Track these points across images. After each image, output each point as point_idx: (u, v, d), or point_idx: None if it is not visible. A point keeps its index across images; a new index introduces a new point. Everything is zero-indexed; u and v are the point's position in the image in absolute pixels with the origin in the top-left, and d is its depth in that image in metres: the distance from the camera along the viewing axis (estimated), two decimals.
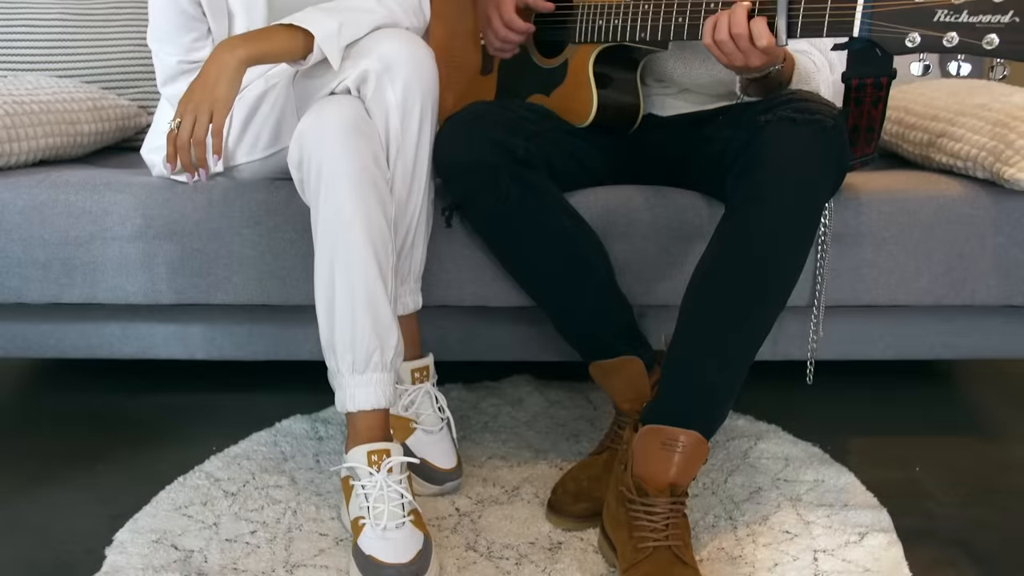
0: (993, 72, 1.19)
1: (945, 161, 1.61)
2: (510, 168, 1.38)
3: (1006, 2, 1.14)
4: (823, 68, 1.49)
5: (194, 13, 1.48)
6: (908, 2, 1.20)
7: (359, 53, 1.37)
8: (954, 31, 1.16)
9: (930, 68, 1.22)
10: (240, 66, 1.35)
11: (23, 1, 1.94)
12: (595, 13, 1.49)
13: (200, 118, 1.33)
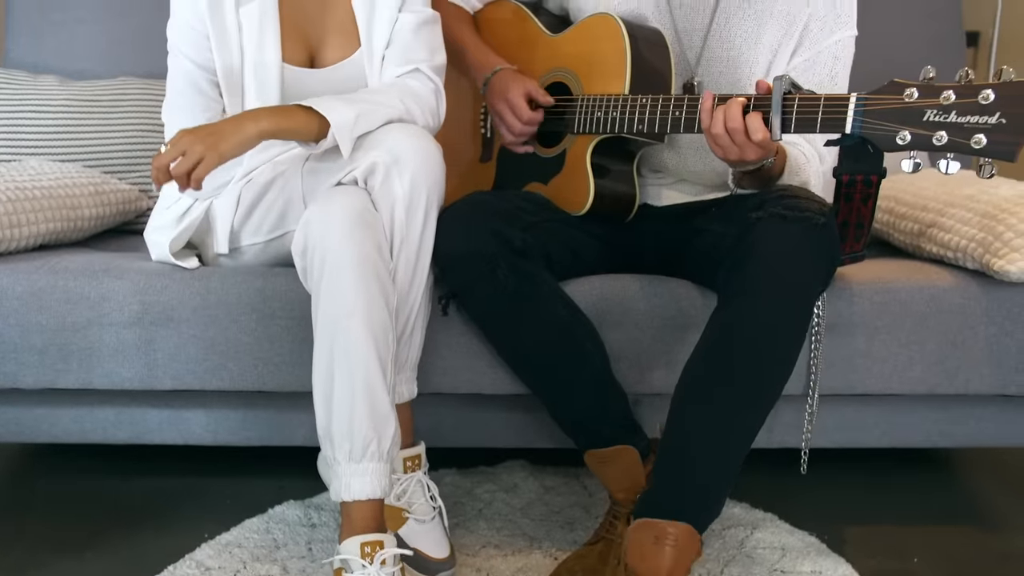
0: (982, 171, 1.21)
1: (935, 251, 1.63)
2: (507, 258, 1.40)
3: (993, 104, 1.17)
4: (812, 160, 1.52)
5: (211, 93, 1.51)
6: (899, 101, 1.23)
7: (369, 144, 1.40)
8: (943, 130, 1.19)
9: (920, 165, 1.25)
10: (258, 137, 1.37)
11: (32, 88, 1.98)
12: (594, 105, 1.52)
13: (188, 157, 1.33)
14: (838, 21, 1.52)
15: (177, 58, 1.52)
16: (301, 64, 1.54)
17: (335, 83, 1.53)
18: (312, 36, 1.55)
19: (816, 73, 1.51)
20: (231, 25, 1.49)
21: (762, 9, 1.54)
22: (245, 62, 1.50)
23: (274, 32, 1.50)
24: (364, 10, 1.54)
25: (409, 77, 1.53)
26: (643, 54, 1.51)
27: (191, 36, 1.49)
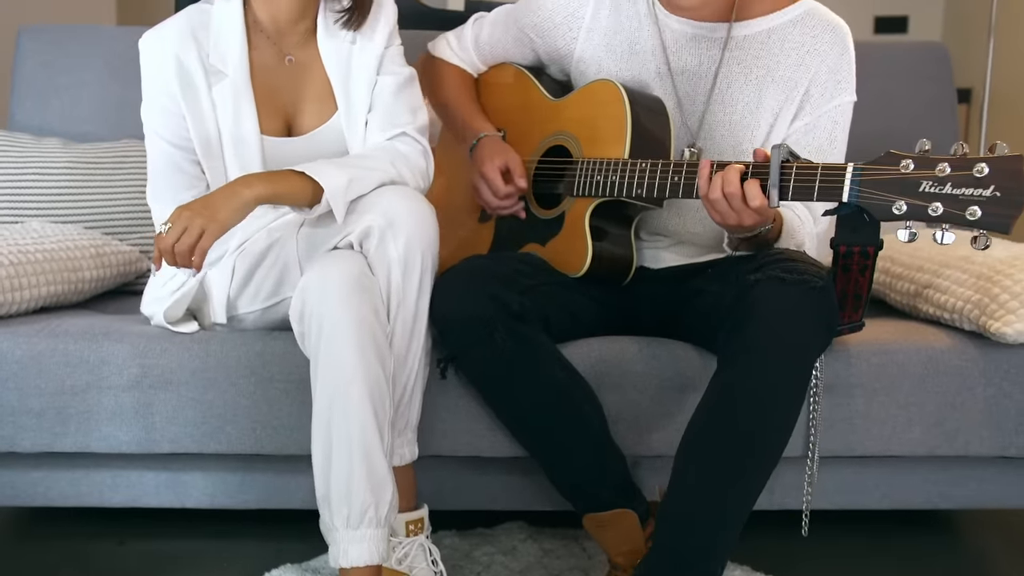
0: (976, 242, 1.22)
1: (932, 312, 1.64)
2: (505, 322, 1.40)
3: (987, 177, 1.18)
4: (807, 221, 1.54)
5: (192, 171, 1.53)
6: (895, 172, 1.24)
7: (363, 208, 1.41)
8: (939, 201, 1.21)
9: (916, 236, 1.26)
10: (255, 202, 1.39)
11: (35, 150, 2.00)
12: (593, 169, 1.54)
13: (190, 231, 1.34)
14: (838, 87, 1.55)
15: (155, 141, 1.53)
16: (279, 134, 1.55)
17: (314, 149, 1.55)
18: (288, 105, 1.57)
19: (816, 137, 1.54)
20: (205, 103, 1.51)
21: (763, 75, 1.56)
22: (223, 137, 1.52)
23: (249, 106, 1.52)
24: (339, 75, 1.56)
25: (396, 141, 1.54)
26: (643, 121, 1.53)
27: (166, 118, 1.51)
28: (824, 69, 1.55)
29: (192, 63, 1.50)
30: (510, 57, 1.75)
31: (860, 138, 1.79)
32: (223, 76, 1.51)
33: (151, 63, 1.51)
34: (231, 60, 1.52)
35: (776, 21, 1.57)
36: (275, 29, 1.55)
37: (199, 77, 1.50)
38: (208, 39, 1.52)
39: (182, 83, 1.50)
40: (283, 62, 1.56)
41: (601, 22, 1.63)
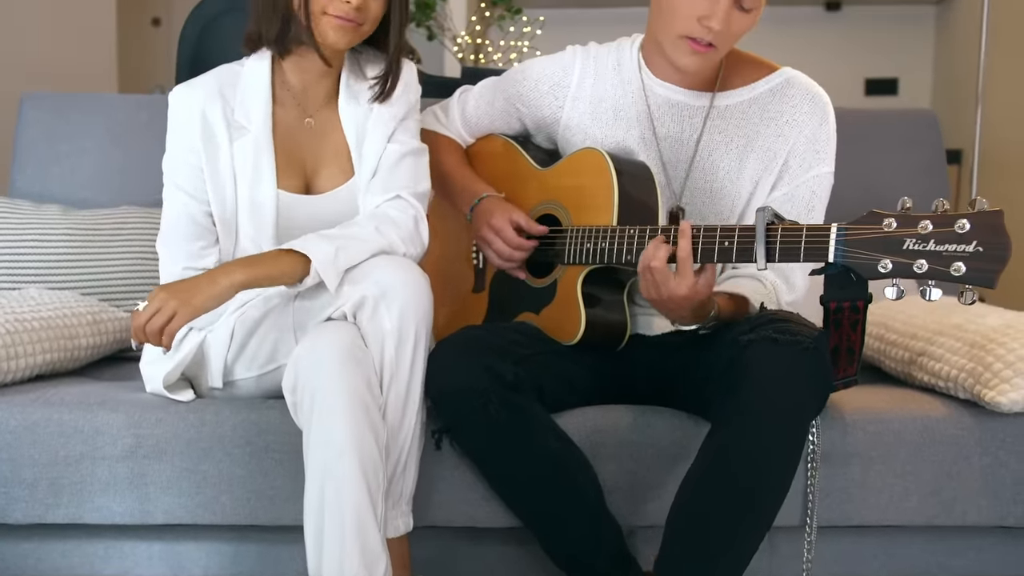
0: (963, 297, 1.23)
1: (927, 380, 1.65)
2: (500, 393, 1.40)
3: (969, 233, 1.20)
4: (780, 290, 1.55)
5: (205, 223, 1.54)
6: (878, 231, 1.26)
7: (357, 278, 1.42)
8: (923, 258, 1.22)
9: (904, 293, 1.27)
10: (230, 289, 1.41)
11: (35, 217, 2.01)
12: (583, 236, 1.55)
13: (162, 312, 1.37)
14: (816, 157, 1.57)
15: (172, 191, 1.55)
16: (296, 192, 1.57)
17: (328, 210, 1.56)
18: (307, 165, 1.59)
19: (794, 206, 1.55)
20: (224, 157, 1.53)
21: (743, 145, 1.59)
22: (239, 191, 1.54)
23: (269, 163, 1.54)
24: (356, 139, 1.58)
25: (388, 205, 1.55)
26: (629, 187, 1.55)
27: (186, 170, 1.53)
28: (803, 139, 1.57)
29: (216, 118, 1.53)
30: (496, 128, 1.77)
31: (851, 202, 1.81)
32: (246, 132, 1.54)
33: (178, 116, 1.54)
34: (255, 117, 1.55)
35: (757, 91, 1.60)
36: (301, 89, 1.58)
37: (221, 132, 1.53)
38: (235, 96, 1.55)
39: (205, 137, 1.53)
40: (303, 123, 1.59)
41: (586, 90, 1.66)
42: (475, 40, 2.91)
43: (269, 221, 1.54)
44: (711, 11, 1.46)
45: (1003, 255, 1.18)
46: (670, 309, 1.42)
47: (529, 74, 1.70)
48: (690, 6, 1.47)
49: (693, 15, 1.47)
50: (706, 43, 1.49)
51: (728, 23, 1.46)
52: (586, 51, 1.69)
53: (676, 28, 1.49)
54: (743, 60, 1.63)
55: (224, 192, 1.53)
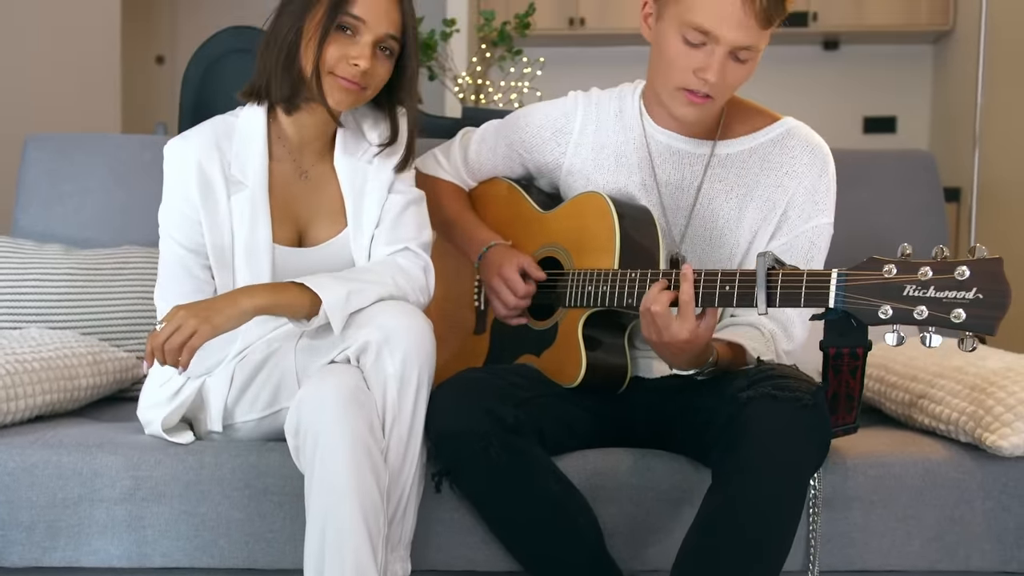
0: (963, 344, 1.23)
1: (927, 423, 1.64)
2: (500, 436, 1.40)
3: (969, 280, 1.20)
4: (778, 338, 1.55)
5: (202, 276, 1.55)
6: (878, 277, 1.27)
7: (361, 322, 1.43)
8: (923, 305, 1.22)
9: (904, 339, 1.27)
10: (253, 312, 1.42)
11: (37, 256, 2.02)
12: (584, 280, 1.56)
13: (182, 330, 1.37)
14: (815, 208, 1.58)
15: (169, 243, 1.56)
16: (290, 243, 1.58)
17: (323, 261, 1.58)
18: (302, 217, 1.60)
19: (792, 256, 1.56)
20: (223, 211, 1.54)
21: (744, 193, 1.60)
22: (236, 244, 1.55)
23: (265, 216, 1.55)
24: (352, 192, 1.60)
25: (398, 256, 1.57)
26: (631, 231, 1.56)
27: (182, 222, 1.54)
28: (802, 190, 1.58)
29: (214, 172, 1.54)
30: (499, 172, 1.78)
31: (851, 243, 1.82)
32: (243, 187, 1.55)
33: (173, 169, 1.55)
34: (251, 171, 1.56)
35: (758, 140, 1.61)
36: (297, 143, 1.60)
37: (219, 186, 1.54)
38: (231, 149, 1.56)
39: (202, 191, 1.53)
40: (300, 176, 1.60)
41: (588, 136, 1.67)
42: (476, 80, 2.93)
43: (265, 272, 1.55)
44: (706, 64, 1.47)
45: (1003, 302, 1.19)
46: (671, 353, 1.42)
47: (532, 120, 1.71)
48: (686, 59, 1.48)
49: (689, 67, 1.48)
50: (703, 95, 1.50)
51: (724, 75, 1.48)
52: (588, 97, 1.70)
53: (673, 80, 1.51)
54: (745, 109, 1.64)
55: (222, 241, 1.55)
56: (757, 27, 1.45)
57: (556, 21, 4.64)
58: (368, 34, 1.49)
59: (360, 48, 1.49)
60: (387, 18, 1.50)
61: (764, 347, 1.51)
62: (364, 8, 1.49)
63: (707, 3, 1.44)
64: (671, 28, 1.49)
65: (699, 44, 1.46)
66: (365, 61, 1.48)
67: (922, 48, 4.81)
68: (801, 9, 4.53)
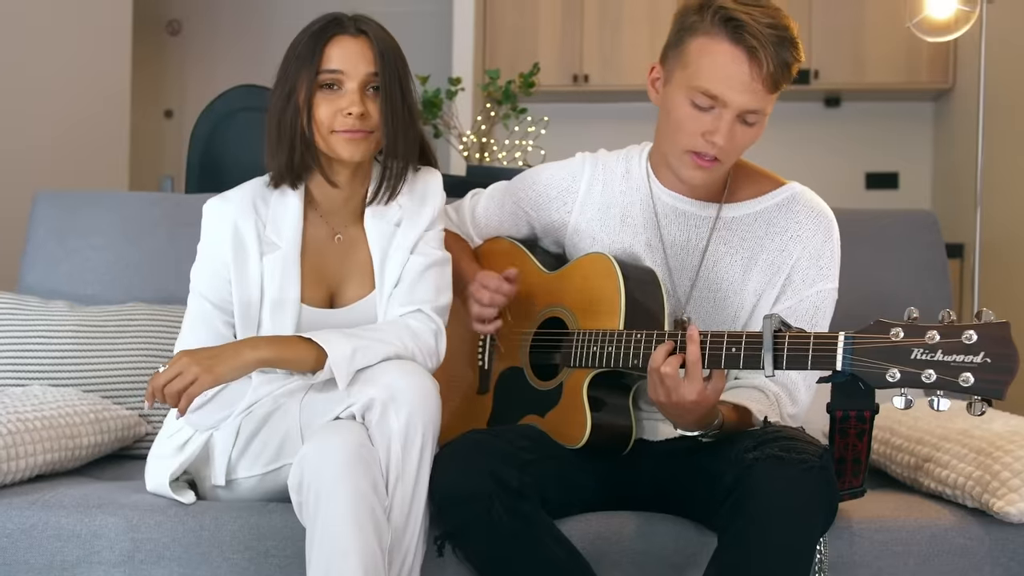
0: (972, 408, 1.23)
1: (934, 487, 1.63)
2: (504, 499, 1.39)
3: (976, 344, 1.21)
4: (783, 402, 1.55)
5: (226, 333, 1.57)
6: (886, 340, 1.27)
7: (367, 379, 1.44)
8: (931, 368, 1.23)
9: (912, 403, 1.27)
10: (255, 364, 1.43)
11: (42, 313, 2.02)
12: (589, 340, 1.56)
13: (183, 377, 1.39)
14: (820, 273, 1.59)
15: (197, 299, 1.58)
16: (321, 304, 1.60)
17: (349, 322, 1.58)
18: (333, 279, 1.62)
19: (797, 320, 1.56)
20: (254, 270, 1.57)
21: (748, 256, 1.60)
22: (264, 302, 1.57)
23: (295, 276, 1.57)
24: (380, 254, 1.61)
25: (410, 316, 1.57)
26: (636, 292, 1.56)
27: (214, 281, 1.57)
28: (806, 255, 1.58)
29: (248, 232, 1.57)
30: (505, 231, 1.80)
31: (854, 302, 1.82)
32: (276, 247, 1.58)
33: (211, 228, 1.59)
34: (286, 234, 1.59)
35: (763, 204, 1.62)
36: (328, 208, 1.62)
37: (253, 246, 1.57)
38: (267, 212, 1.60)
39: (236, 250, 1.56)
40: (333, 239, 1.62)
41: (595, 196, 1.69)
42: (480, 139, 2.96)
43: (289, 331, 1.56)
44: (715, 127, 1.48)
45: (1011, 366, 1.19)
46: (677, 414, 1.42)
47: (539, 179, 1.73)
48: (694, 122, 1.50)
49: (697, 131, 1.50)
50: (710, 158, 1.51)
51: (732, 138, 1.49)
52: (595, 159, 1.72)
53: (681, 143, 1.52)
54: (751, 173, 1.65)
55: (250, 299, 1.57)
56: (764, 91, 1.47)
57: (560, 78, 4.70)
58: (350, 81, 1.53)
59: (348, 97, 1.52)
60: (363, 59, 1.54)
61: (769, 410, 1.51)
62: (338, 60, 1.53)
63: (715, 68, 1.46)
64: (679, 92, 1.51)
65: (707, 108, 1.48)
66: (357, 107, 1.51)
67: (923, 105, 4.86)
68: (803, 67, 4.57)
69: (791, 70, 1.49)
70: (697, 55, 1.49)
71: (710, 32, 1.47)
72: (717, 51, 1.46)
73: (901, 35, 3.21)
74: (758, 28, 1.44)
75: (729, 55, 1.46)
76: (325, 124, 1.53)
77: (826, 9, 4.59)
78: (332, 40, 1.54)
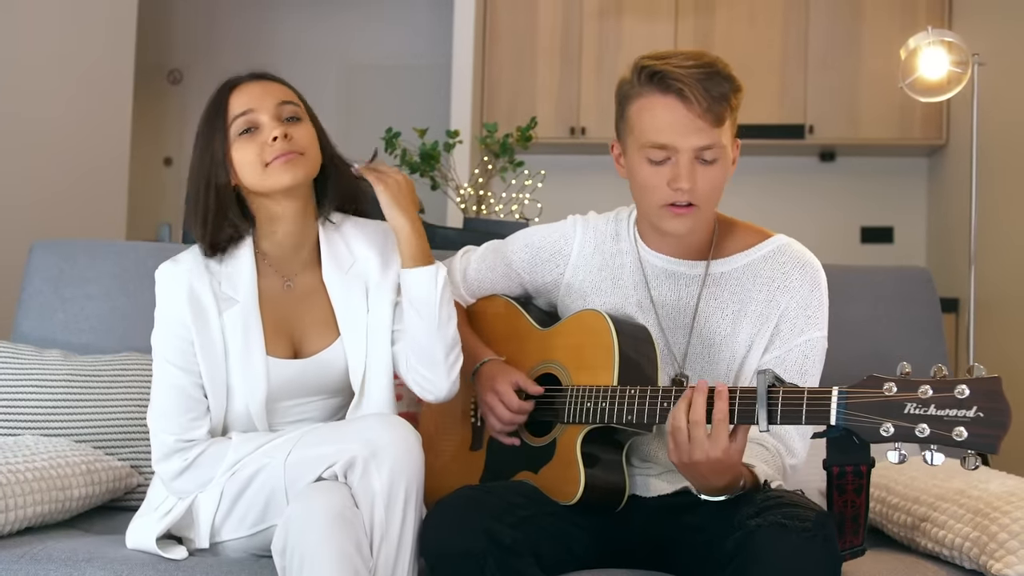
0: (966, 463, 1.23)
1: (931, 547, 1.62)
2: (497, 557, 1.38)
3: (969, 398, 1.21)
4: (782, 454, 1.55)
5: (196, 395, 1.56)
6: (879, 395, 1.27)
7: (347, 437, 1.44)
8: (925, 423, 1.23)
9: (906, 457, 1.26)
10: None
11: (36, 362, 2.02)
12: (583, 396, 1.55)
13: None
14: (808, 323, 1.60)
15: (162, 365, 1.58)
16: (285, 355, 1.60)
17: (317, 372, 1.60)
18: (294, 329, 1.62)
19: (786, 370, 1.57)
20: (215, 327, 1.57)
21: (738, 309, 1.62)
22: (230, 358, 1.56)
23: (257, 330, 1.57)
24: (343, 304, 1.62)
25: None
26: (629, 348, 1.56)
27: (176, 344, 1.56)
28: (793, 305, 1.60)
29: (204, 291, 1.57)
30: (497, 290, 1.80)
31: (849, 358, 1.82)
32: (234, 302, 1.58)
33: (165, 292, 1.58)
34: (241, 287, 1.59)
35: (750, 257, 1.64)
36: (278, 257, 1.62)
37: (210, 304, 1.57)
38: (220, 269, 1.60)
39: (194, 310, 1.56)
40: (284, 287, 1.62)
41: (586, 258, 1.71)
42: (478, 191, 2.98)
43: (261, 385, 1.56)
44: (674, 173, 1.53)
45: (1003, 421, 1.20)
46: (701, 474, 1.40)
47: (531, 242, 1.75)
48: (656, 177, 1.54)
49: (662, 183, 1.54)
50: (685, 204, 1.55)
51: (695, 179, 1.52)
52: (585, 221, 1.74)
53: (654, 200, 1.56)
54: (737, 228, 1.68)
55: (215, 360, 1.56)
56: (708, 127, 1.51)
57: (557, 130, 4.75)
58: (263, 115, 1.55)
59: (266, 129, 1.54)
60: (268, 94, 1.57)
61: (771, 464, 1.51)
62: (245, 102, 1.56)
63: (655, 121, 1.53)
64: (636, 156, 1.57)
65: (662, 161, 1.54)
66: (278, 130, 1.54)
67: (917, 161, 4.90)
68: (798, 121, 4.63)
69: (729, 100, 1.52)
70: (638, 117, 1.55)
71: (642, 92, 1.55)
72: (652, 105, 1.53)
73: (895, 92, 3.25)
74: (681, 72, 1.50)
75: (662, 105, 1.52)
76: (257, 163, 1.54)
77: (822, 66, 4.65)
78: (232, 92, 1.58)
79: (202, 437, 1.56)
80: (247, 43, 5.69)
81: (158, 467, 1.56)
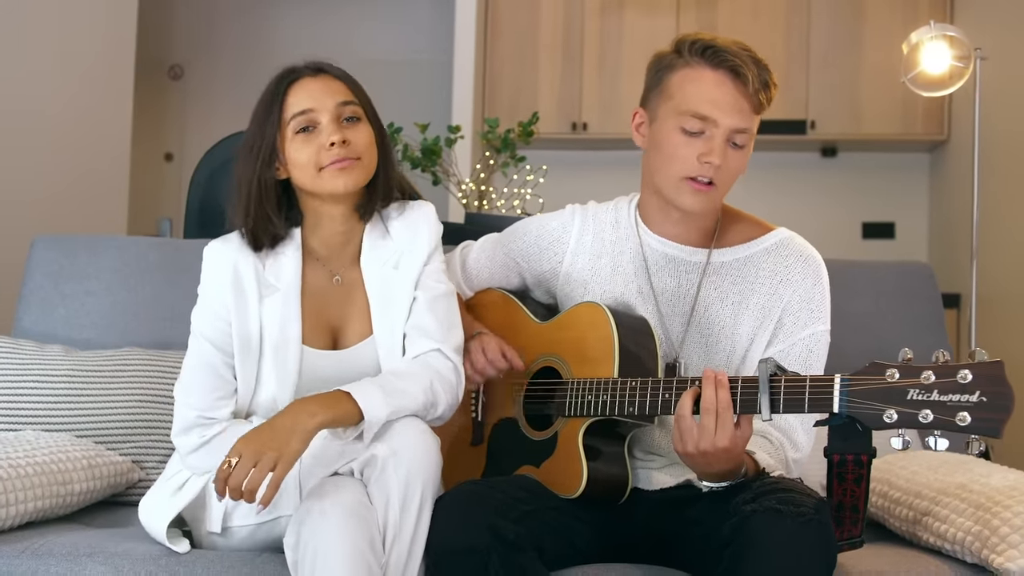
0: (970, 448, 1.23)
1: (933, 541, 1.61)
2: (500, 552, 1.38)
3: (971, 383, 1.21)
4: (785, 446, 1.55)
5: (226, 375, 1.56)
6: (881, 381, 1.27)
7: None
8: (928, 408, 1.23)
9: (910, 443, 1.27)
10: (316, 430, 1.40)
11: (37, 357, 2.02)
12: (584, 389, 1.55)
13: (262, 465, 1.35)
14: (811, 316, 1.59)
15: (197, 340, 1.58)
16: (323, 346, 1.60)
17: (349, 364, 1.59)
18: (334, 321, 1.62)
19: (790, 364, 1.56)
20: (253, 311, 1.57)
21: (739, 300, 1.61)
22: (265, 343, 1.57)
23: (296, 319, 1.57)
24: (378, 297, 1.62)
25: (433, 356, 1.57)
26: (629, 340, 1.56)
27: (214, 322, 1.57)
28: (796, 298, 1.60)
29: (248, 274, 1.57)
30: (496, 282, 1.80)
31: (851, 353, 1.82)
32: (275, 290, 1.58)
33: (210, 270, 1.59)
34: (285, 277, 1.59)
35: (752, 249, 1.64)
36: (325, 253, 1.63)
37: (252, 288, 1.57)
38: (267, 255, 1.59)
39: (235, 292, 1.56)
40: (332, 281, 1.62)
41: (585, 246, 1.70)
42: (479, 187, 2.98)
43: (291, 376, 1.56)
44: (708, 148, 1.53)
45: (1007, 404, 1.20)
46: (706, 463, 1.40)
47: (530, 230, 1.75)
48: (687, 148, 1.54)
49: (692, 156, 1.54)
50: (707, 181, 1.55)
51: (725, 159, 1.53)
52: (584, 210, 1.74)
53: (676, 171, 1.56)
54: (740, 219, 1.68)
55: (250, 347, 1.56)
56: (750, 110, 1.54)
57: (559, 125, 4.75)
58: (323, 116, 1.54)
59: (326, 131, 1.53)
60: (329, 93, 1.55)
61: (775, 457, 1.51)
62: (304, 100, 1.53)
63: (702, 92, 1.53)
64: (668, 123, 1.56)
65: (698, 132, 1.53)
66: (336, 135, 1.52)
67: (919, 156, 4.90)
68: (800, 117, 4.63)
69: (770, 91, 1.54)
70: (680, 86, 1.55)
71: (690, 63, 1.55)
72: (701, 77, 1.53)
73: (897, 87, 3.24)
74: (735, 51, 1.52)
75: (713, 79, 1.53)
76: (311, 166, 1.53)
77: (823, 62, 4.65)
78: (291, 87, 1.56)
79: (224, 417, 1.55)
80: (248, 38, 5.68)
81: (176, 439, 1.56)
